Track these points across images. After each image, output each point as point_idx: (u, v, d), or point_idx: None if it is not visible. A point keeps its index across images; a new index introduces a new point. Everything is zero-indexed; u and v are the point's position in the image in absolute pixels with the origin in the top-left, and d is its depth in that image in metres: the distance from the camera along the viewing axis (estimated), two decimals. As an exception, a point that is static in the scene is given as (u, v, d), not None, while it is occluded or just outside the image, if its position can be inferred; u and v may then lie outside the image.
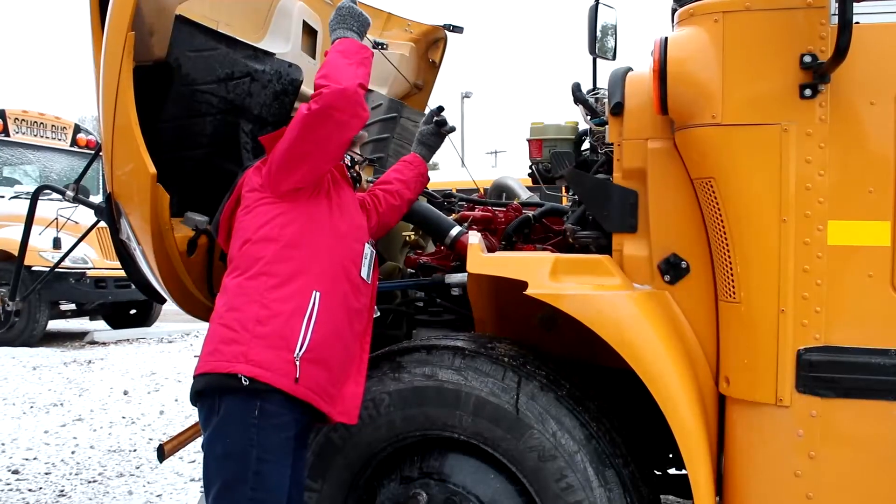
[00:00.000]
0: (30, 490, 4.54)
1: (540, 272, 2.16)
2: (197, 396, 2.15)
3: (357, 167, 2.54)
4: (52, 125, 11.30)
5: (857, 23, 1.82)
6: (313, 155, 2.18)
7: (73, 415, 6.23)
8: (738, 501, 2.08)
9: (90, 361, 8.47)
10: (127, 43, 2.53)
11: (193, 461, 5.01)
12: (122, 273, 8.02)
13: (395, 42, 4.13)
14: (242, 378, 2.03)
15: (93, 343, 10.05)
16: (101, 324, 11.65)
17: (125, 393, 6.99)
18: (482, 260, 2.24)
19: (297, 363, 2.07)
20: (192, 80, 3.09)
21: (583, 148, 3.08)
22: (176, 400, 6.74)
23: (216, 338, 2.13)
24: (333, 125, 2.14)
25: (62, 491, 4.52)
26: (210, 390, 2.11)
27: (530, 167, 3.11)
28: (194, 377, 2.15)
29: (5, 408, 6.43)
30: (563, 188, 4.02)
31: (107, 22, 2.60)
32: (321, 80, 2.14)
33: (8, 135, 10.63)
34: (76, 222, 8.51)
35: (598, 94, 2.94)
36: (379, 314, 2.90)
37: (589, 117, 2.82)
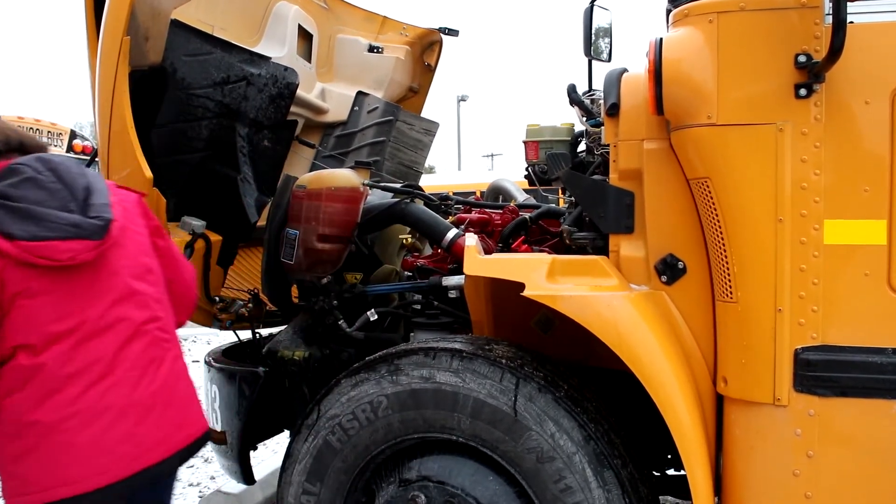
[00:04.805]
0: (27, 497, 4.51)
1: (537, 274, 2.16)
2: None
3: None
4: (48, 131, 11.27)
5: (851, 22, 1.83)
6: None
7: (71, 421, 6.20)
8: (737, 501, 2.08)
9: (87, 367, 8.43)
10: (122, 48, 2.53)
11: (192, 465, 4.99)
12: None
13: (390, 45, 4.15)
14: None
15: (90, 349, 9.99)
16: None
17: (123, 399, 6.96)
18: (479, 262, 2.24)
19: None
20: (188, 85, 3.10)
21: (579, 149, 3.08)
22: (173, 405, 6.72)
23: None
24: None
25: (60, 497, 4.50)
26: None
27: (527, 169, 3.11)
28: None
29: (2, 414, 6.41)
30: (560, 190, 4.02)
31: (102, 27, 2.60)
32: None
33: (3, 141, 10.61)
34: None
35: (593, 95, 2.95)
36: (377, 317, 2.91)
37: (585, 119, 2.83)
